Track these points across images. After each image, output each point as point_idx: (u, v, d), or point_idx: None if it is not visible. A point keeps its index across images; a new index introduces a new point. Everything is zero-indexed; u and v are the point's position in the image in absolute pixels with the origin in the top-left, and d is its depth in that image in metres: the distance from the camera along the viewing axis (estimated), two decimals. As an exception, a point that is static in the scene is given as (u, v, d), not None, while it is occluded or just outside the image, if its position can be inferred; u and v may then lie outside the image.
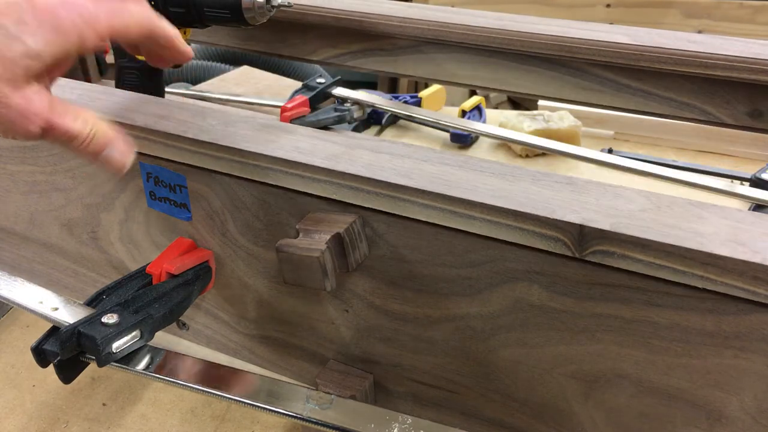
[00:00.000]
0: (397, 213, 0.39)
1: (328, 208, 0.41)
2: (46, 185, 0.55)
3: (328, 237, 0.38)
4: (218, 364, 0.43)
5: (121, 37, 0.40)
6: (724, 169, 0.79)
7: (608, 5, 1.55)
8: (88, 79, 0.96)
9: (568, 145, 0.64)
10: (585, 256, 0.34)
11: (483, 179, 0.38)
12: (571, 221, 0.33)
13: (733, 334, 0.33)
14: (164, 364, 0.42)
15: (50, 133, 0.37)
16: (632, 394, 0.38)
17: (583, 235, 0.33)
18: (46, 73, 0.38)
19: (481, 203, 0.35)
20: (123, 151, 0.40)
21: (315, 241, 0.38)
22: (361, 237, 0.40)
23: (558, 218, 0.34)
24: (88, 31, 0.38)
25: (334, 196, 0.40)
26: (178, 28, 0.43)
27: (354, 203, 0.40)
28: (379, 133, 0.96)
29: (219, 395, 0.40)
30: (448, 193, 0.36)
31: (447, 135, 0.93)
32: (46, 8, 0.37)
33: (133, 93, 0.51)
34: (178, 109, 0.48)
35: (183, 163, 0.45)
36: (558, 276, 0.36)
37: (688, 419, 0.37)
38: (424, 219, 0.38)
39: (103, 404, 0.56)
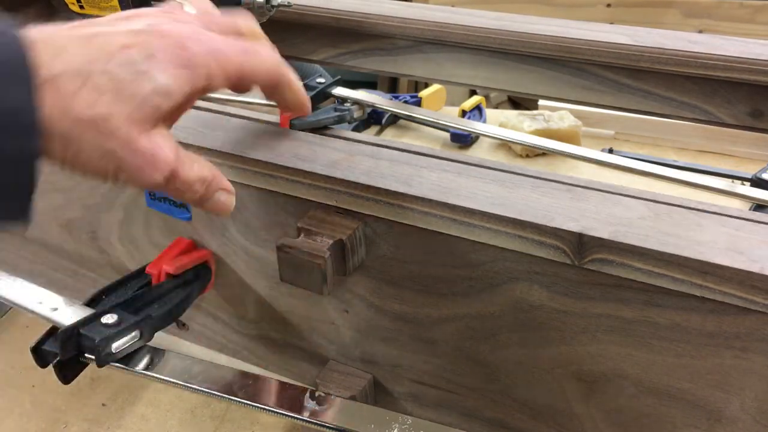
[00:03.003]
0: (396, 220, 0.39)
1: (328, 212, 0.41)
2: (46, 185, 0.55)
3: (330, 242, 0.38)
4: (218, 364, 0.43)
5: (247, 81, 0.37)
6: (724, 169, 0.79)
7: (608, 5, 1.55)
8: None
9: (568, 145, 0.64)
10: (584, 264, 0.34)
11: (482, 186, 0.38)
12: (571, 230, 0.33)
13: (733, 334, 0.33)
14: (164, 364, 0.42)
15: (171, 183, 0.34)
16: (632, 395, 0.37)
17: (582, 243, 0.33)
18: (171, 115, 0.34)
19: (480, 211, 0.35)
20: (229, 193, 0.38)
21: (317, 246, 0.38)
22: (361, 242, 0.41)
23: (557, 226, 0.34)
24: (217, 69, 0.34)
25: (333, 203, 0.40)
26: None
27: (354, 210, 0.40)
28: (379, 133, 0.95)
29: (219, 395, 0.40)
30: (447, 201, 0.36)
31: (447, 135, 0.93)
32: (176, 40, 0.33)
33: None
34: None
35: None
36: (558, 276, 0.36)
37: (689, 419, 0.37)
38: (423, 226, 0.38)
39: (103, 404, 0.56)
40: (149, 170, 0.32)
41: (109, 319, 0.40)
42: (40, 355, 0.40)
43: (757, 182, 0.69)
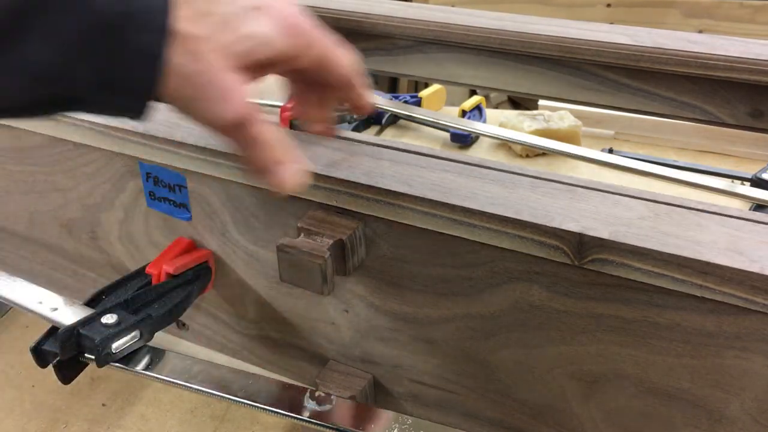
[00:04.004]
0: (397, 220, 0.39)
1: (328, 211, 0.41)
2: (46, 185, 0.55)
3: (330, 242, 0.38)
4: (218, 364, 0.43)
5: (327, 70, 0.39)
6: (724, 169, 0.79)
7: (608, 5, 1.55)
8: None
9: (568, 145, 0.64)
10: (584, 264, 0.34)
11: (482, 186, 0.38)
12: (571, 230, 0.33)
13: (733, 334, 0.33)
14: (164, 364, 0.42)
15: (241, 128, 0.34)
16: (633, 395, 0.37)
17: (582, 243, 0.33)
18: (260, 70, 0.35)
19: (480, 211, 0.35)
20: (295, 171, 0.36)
21: (317, 245, 0.38)
22: (361, 242, 0.41)
23: (557, 226, 0.34)
24: (309, 46, 0.36)
25: (333, 203, 0.40)
26: None
27: (354, 210, 0.40)
28: (379, 133, 0.95)
29: (219, 395, 0.40)
30: (447, 201, 0.36)
31: (447, 135, 0.93)
32: (286, 9, 0.35)
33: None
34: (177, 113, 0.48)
35: (184, 169, 0.45)
36: (558, 276, 0.36)
37: (689, 419, 0.37)
38: (423, 226, 0.38)
39: (103, 404, 0.56)
40: (223, 104, 0.32)
41: (109, 319, 0.40)
42: (40, 355, 0.40)
43: (757, 182, 0.69)
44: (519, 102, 1.72)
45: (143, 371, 0.41)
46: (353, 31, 0.65)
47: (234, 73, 0.32)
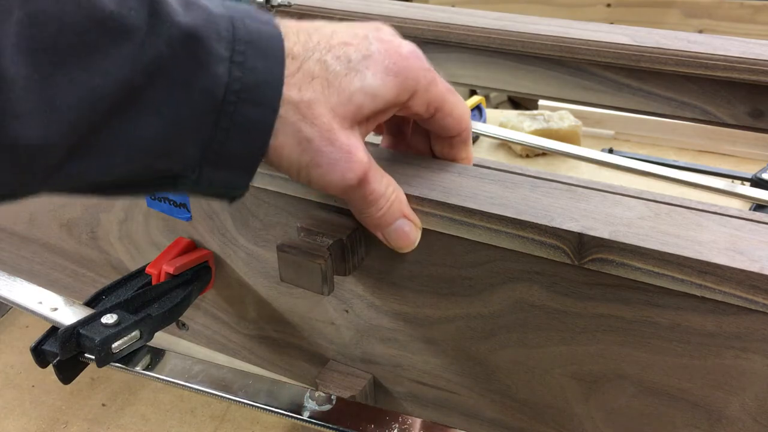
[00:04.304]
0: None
1: (328, 211, 0.41)
2: (46, 185, 0.55)
3: (330, 242, 0.38)
4: (218, 364, 0.43)
5: (440, 116, 0.37)
6: (724, 169, 0.79)
7: (608, 5, 1.55)
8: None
9: (568, 145, 0.64)
10: (584, 264, 0.34)
11: (482, 186, 0.38)
12: (571, 229, 0.33)
13: (733, 334, 0.33)
14: (164, 364, 0.42)
15: (360, 189, 0.33)
16: (633, 395, 0.37)
17: (582, 243, 0.33)
18: (369, 121, 0.34)
19: (480, 211, 0.35)
20: (414, 224, 0.36)
21: (317, 246, 0.38)
22: (361, 242, 0.41)
23: (557, 226, 0.34)
24: (423, 89, 0.34)
25: (333, 203, 0.40)
26: None
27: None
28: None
29: (219, 395, 0.40)
30: (447, 201, 0.36)
31: (447, 135, 0.93)
32: (395, 48, 0.33)
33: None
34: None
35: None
36: (558, 276, 0.36)
37: (689, 420, 0.37)
38: (423, 226, 0.38)
39: (103, 404, 0.56)
40: (344, 166, 0.31)
41: (109, 319, 0.40)
42: (40, 355, 0.40)
43: (757, 182, 0.69)
44: (519, 102, 1.72)
45: (143, 371, 0.41)
46: (353, 31, 0.66)
47: (348, 133, 0.32)
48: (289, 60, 0.30)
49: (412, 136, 0.42)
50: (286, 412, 0.39)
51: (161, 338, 0.50)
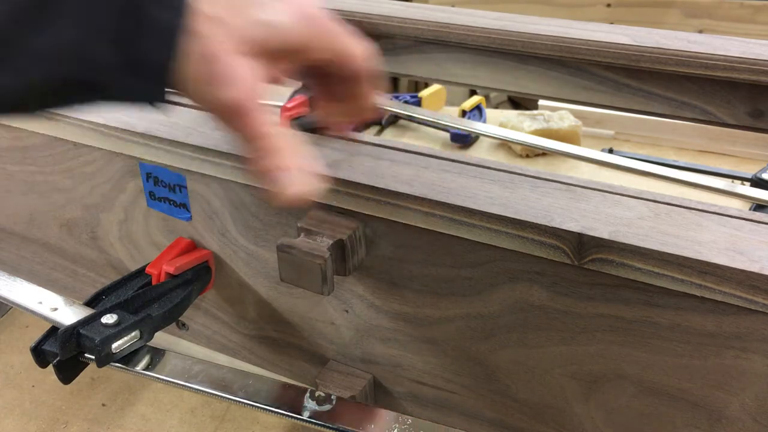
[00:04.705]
0: (397, 220, 0.39)
1: (329, 211, 0.41)
2: (46, 185, 0.55)
3: (330, 242, 0.38)
4: (218, 364, 0.43)
5: (345, 63, 0.37)
6: (724, 169, 0.79)
7: (608, 5, 1.55)
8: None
9: (568, 145, 0.64)
10: (584, 264, 0.34)
11: (483, 186, 0.38)
12: (571, 229, 0.33)
13: (733, 334, 0.33)
14: (164, 364, 0.42)
15: (237, 116, 0.32)
16: (633, 395, 0.37)
17: (582, 243, 0.33)
18: (274, 59, 0.34)
19: (480, 211, 0.35)
20: (301, 179, 0.34)
21: (317, 245, 0.38)
22: (361, 242, 0.41)
23: (557, 226, 0.34)
24: (326, 38, 0.36)
25: (334, 203, 0.40)
26: None
27: (354, 210, 0.40)
28: (379, 133, 0.95)
29: (219, 395, 0.40)
30: (447, 201, 0.36)
31: (447, 135, 0.93)
32: (308, 2, 0.35)
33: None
34: (179, 114, 0.48)
35: (184, 169, 0.45)
36: (558, 276, 0.36)
37: (689, 420, 0.37)
38: (423, 226, 0.38)
39: (103, 404, 0.56)
40: (219, 83, 0.31)
41: (109, 319, 0.40)
42: (40, 355, 0.40)
43: (757, 182, 0.69)
44: (519, 102, 1.72)
45: (143, 371, 0.41)
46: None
47: (243, 58, 0.32)
48: None
49: (319, 85, 0.42)
50: (286, 412, 0.39)
51: (161, 338, 0.50)
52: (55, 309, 0.42)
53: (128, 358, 0.41)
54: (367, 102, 0.41)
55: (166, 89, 0.31)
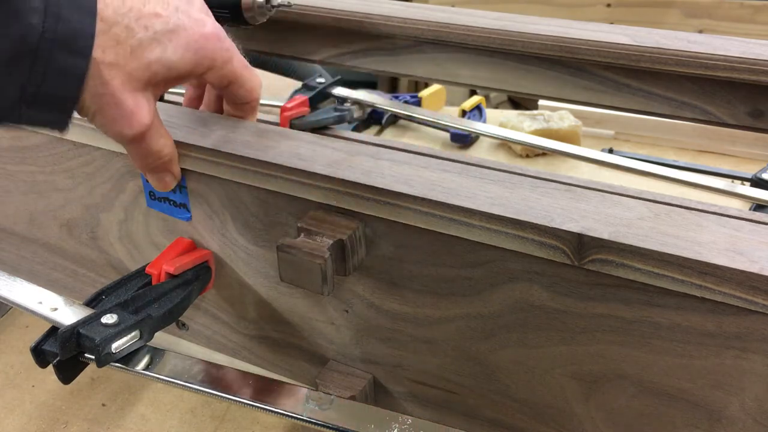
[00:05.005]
0: (397, 220, 0.39)
1: (328, 211, 0.41)
2: (46, 185, 0.55)
3: (330, 242, 0.38)
4: (218, 364, 0.43)
5: (233, 89, 0.43)
6: (724, 169, 0.79)
7: (608, 5, 1.55)
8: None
9: (568, 145, 0.64)
10: (584, 264, 0.34)
11: (482, 186, 0.38)
12: (570, 230, 0.33)
13: (734, 334, 0.33)
14: (164, 364, 0.42)
15: (135, 144, 0.39)
16: (633, 395, 0.37)
17: (582, 243, 0.33)
18: (163, 85, 0.39)
19: (480, 211, 0.35)
20: (174, 178, 0.44)
21: (317, 245, 0.38)
22: (361, 242, 0.41)
23: (557, 227, 0.34)
24: (219, 66, 0.40)
25: (333, 203, 0.40)
26: None
27: (354, 210, 0.40)
28: (379, 133, 0.95)
29: (219, 395, 0.40)
30: (447, 201, 0.36)
31: (447, 135, 0.93)
32: (199, 29, 0.39)
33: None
34: (178, 114, 0.48)
35: (183, 169, 0.45)
36: (558, 276, 0.36)
37: (689, 420, 0.37)
38: (423, 226, 0.38)
39: (103, 404, 0.56)
40: (122, 123, 0.37)
41: (109, 319, 0.40)
42: (40, 355, 0.40)
43: (757, 182, 0.68)
44: (519, 102, 1.72)
45: (143, 371, 0.41)
46: (353, 31, 0.66)
47: (137, 95, 0.37)
48: (99, 21, 0.34)
49: (208, 95, 0.49)
50: (286, 412, 0.39)
51: (161, 338, 0.50)
52: (55, 309, 0.42)
53: (128, 358, 0.41)
54: (245, 115, 0.47)
55: (69, 120, 0.36)
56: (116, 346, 0.39)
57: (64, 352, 0.39)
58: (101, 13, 0.34)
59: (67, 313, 0.41)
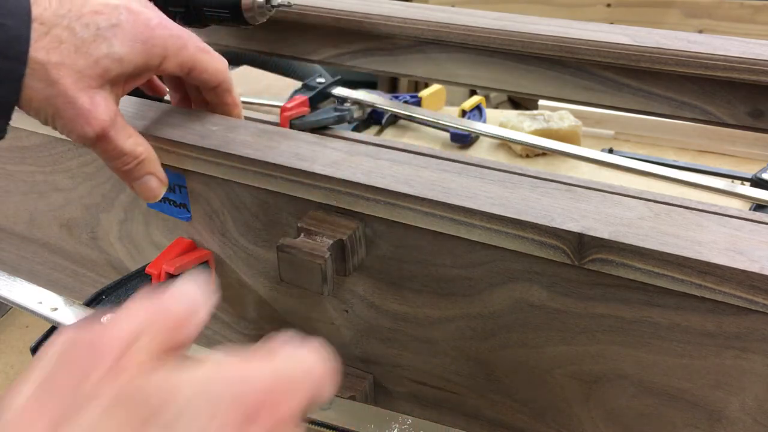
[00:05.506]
0: (397, 220, 0.39)
1: (329, 211, 0.41)
2: (46, 185, 0.55)
3: (330, 242, 0.38)
4: (218, 365, 0.42)
5: (196, 74, 0.42)
6: (724, 169, 0.79)
7: (608, 5, 1.55)
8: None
9: (568, 145, 0.64)
10: (584, 264, 0.34)
11: (482, 186, 0.38)
12: (571, 229, 0.33)
13: (734, 334, 0.33)
14: (164, 364, 0.42)
15: (101, 143, 0.38)
16: (633, 395, 0.37)
17: (582, 243, 0.33)
18: (120, 83, 0.38)
19: (480, 211, 0.35)
20: (161, 181, 0.42)
21: (317, 245, 0.38)
22: (361, 242, 0.41)
23: (557, 226, 0.34)
24: (173, 54, 0.40)
25: (333, 203, 0.40)
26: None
27: (354, 210, 0.40)
28: (379, 133, 0.95)
29: (219, 395, 0.40)
30: (447, 201, 0.36)
31: (447, 135, 0.93)
32: (143, 19, 0.38)
33: (132, 97, 0.51)
34: (178, 114, 0.48)
35: (183, 169, 0.45)
36: (558, 276, 0.36)
37: (689, 420, 0.37)
38: (423, 226, 0.38)
39: (103, 404, 0.56)
40: (81, 123, 0.36)
41: (109, 319, 0.40)
42: (40, 355, 0.40)
43: (757, 182, 0.68)
44: (519, 102, 1.72)
45: (143, 371, 0.41)
46: (353, 31, 0.66)
47: (91, 93, 0.36)
48: (38, 25, 0.34)
49: (190, 91, 0.48)
50: (286, 412, 0.39)
51: (161, 338, 0.50)
52: (55, 309, 0.42)
53: (128, 358, 0.41)
54: (229, 109, 0.46)
55: (7, 126, 0.36)
56: (116, 346, 0.39)
57: (64, 352, 0.39)
58: (39, 17, 0.34)
59: (67, 313, 0.41)
